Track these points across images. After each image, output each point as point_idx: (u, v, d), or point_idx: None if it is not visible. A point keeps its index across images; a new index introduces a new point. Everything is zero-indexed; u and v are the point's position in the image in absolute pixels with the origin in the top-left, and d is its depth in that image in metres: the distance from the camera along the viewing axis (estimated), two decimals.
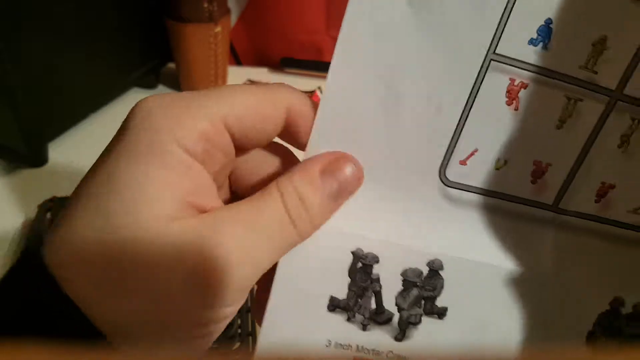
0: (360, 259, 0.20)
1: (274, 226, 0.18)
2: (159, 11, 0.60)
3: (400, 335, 0.21)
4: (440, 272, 0.21)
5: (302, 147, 0.20)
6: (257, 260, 0.17)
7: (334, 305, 0.20)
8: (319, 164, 0.19)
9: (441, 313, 0.21)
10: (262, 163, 0.20)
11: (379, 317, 0.21)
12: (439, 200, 0.21)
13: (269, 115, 0.19)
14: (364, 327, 0.20)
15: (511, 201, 0.21)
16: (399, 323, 0.21)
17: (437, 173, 0.21)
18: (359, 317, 0.20)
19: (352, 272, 0.20)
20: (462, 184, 0.21)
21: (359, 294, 0.20)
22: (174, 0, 0.60)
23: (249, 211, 0.18)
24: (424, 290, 0.21)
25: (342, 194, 0.20)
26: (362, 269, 0.20)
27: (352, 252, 0.20)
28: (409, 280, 0.21)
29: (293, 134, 0.20)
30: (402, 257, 0.21)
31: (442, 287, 0.21)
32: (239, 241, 0.17)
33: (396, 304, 0.21)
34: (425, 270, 0.21)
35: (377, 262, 0.20)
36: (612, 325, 0.23)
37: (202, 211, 0.17)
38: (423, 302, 0.21)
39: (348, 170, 0.19)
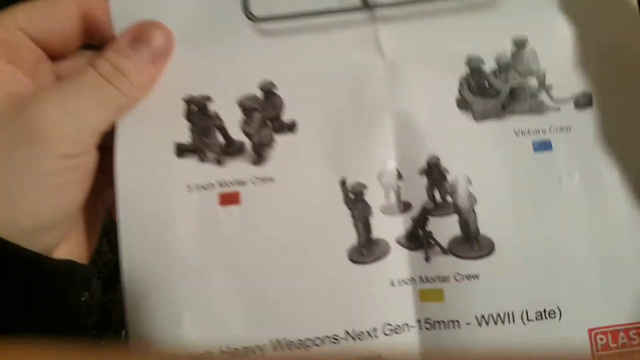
0: (193, 102, 0.21)
1: (91, 88, 0.19)
2: None
3: (258, 159, 0.21)
4: (275, 91, 0.21)
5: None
6: (78, 119, 0.19)
7: (181, 150, 0.21)
8: (126, 35, 0.21)
9: (291, 127, 0.21)
10: (81, 63, 0.21)
11: (231, 149, 0.21)
12: (253, 37, 0.22)
13: (61, 15, 0.20)
14: (219, 162, 0.21)
15: (322, 15, 0.22)
16: (253, 148, 0.21)
17: (242, 13, 0.21)
18: (210, 155, 0.21)
19: (190, 116, 0.21)
20: (269, 15, 0.21)
21: (203, 134, 0.21)
22: None
23: (64, 84, 0.20)
24: (266, 112, 0.21)
25: (158, 56, 0.21)
26: (198, 111, 0.21)
27: (184, 99, 0.21)
28: (247, 106, 0.21)
29: (98, 30, 0.21)
30: (234, 89, 0.21)
31: (281, 103, 0.21)
32: (55, 106, 0.19)
33: (244, 132, 0.21)
34: (259, 94, 0.21)
35: (210, 100, 0.21)
36: (479, 85, 0.22)
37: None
38: (269, 123, 0.21)
39: (157, 34, 0.21)
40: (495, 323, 0.20)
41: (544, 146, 0.21)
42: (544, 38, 0.22)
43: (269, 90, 0.21)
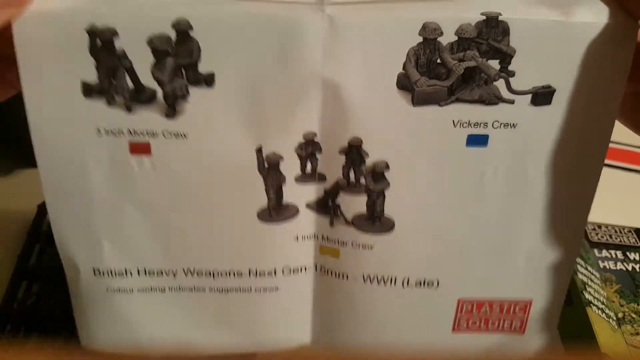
0: (97, 36, 0.18)
1: None
2: None
3: (171, 111, 0.19)
4: (191, 34, 0.18)
5: None
6: None
7: (88, 90, 0.19)
8: None
9: (208, 80, 0.19)
10: None
11: (141, 96, 0.19)
12: None
13: None
14: (129, 109, 0.19)
15: None
16: (165, 98, 0.19)
17: None
18: (119, 99, 0.19)
19: (94, 51, 0.18)
20: None
21: (110, 75, 0.19)
22: None
23: None
24: (180, 58, 0.18)
25: None
26: (103, 47, 0.18)
27: (87, 30, 0.18)
28: (158, 48, 0.18)
29: None
30: (144, 25, 0.18)
31: (198, 49, 0.18)
32: None
33: (155, 79, 0.19)
34: (173, 35, 0.18)
35: (116, 35, 0.18)
36: (429, 61, 0.19)
37: None
38: (184, 71, 0.19)
39: None
40: (379, 283, 0.22)
41: (478, 141, 0.20)
42: (520, 15, 0.18)
43: (183, 31, 0.18)
